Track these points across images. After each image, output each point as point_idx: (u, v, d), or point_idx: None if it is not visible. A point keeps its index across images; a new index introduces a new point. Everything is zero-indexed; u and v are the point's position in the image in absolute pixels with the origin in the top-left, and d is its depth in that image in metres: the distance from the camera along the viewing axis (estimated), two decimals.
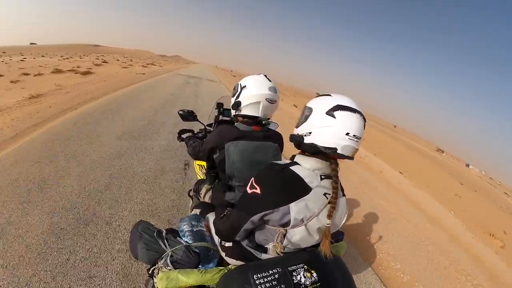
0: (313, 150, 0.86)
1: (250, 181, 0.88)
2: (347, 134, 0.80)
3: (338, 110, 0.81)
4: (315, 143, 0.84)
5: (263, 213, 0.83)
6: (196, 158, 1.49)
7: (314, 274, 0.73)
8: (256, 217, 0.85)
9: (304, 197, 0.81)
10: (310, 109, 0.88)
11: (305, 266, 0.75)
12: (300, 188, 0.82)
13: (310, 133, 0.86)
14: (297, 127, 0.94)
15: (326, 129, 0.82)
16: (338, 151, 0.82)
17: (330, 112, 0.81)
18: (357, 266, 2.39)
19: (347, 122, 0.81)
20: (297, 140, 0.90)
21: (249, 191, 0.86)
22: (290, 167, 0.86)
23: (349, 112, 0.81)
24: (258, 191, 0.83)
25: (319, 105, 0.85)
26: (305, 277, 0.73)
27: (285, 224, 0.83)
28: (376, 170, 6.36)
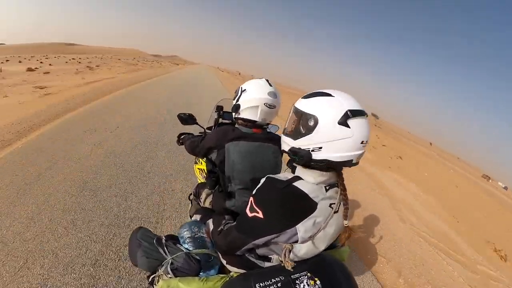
0: (323, 166, 0.77)
1: (250, 201, 0.80)
2: (362, 142, 0.73)
3: (351, 117, 0.71)
4: (329, 158, 0.74)
5: (268, 237, 0.79)
6: (193, 153, 1.45)
7: (318, 282, 0.72)
8: (259, 241, 0.81)
9: (311, 215, 0.76)
10: (315, 118, 0.73)
11: (308, 274, 0.73)
12: (306, 207, 0.76)
13: (320, 148, 0.74)
14: (295, 138, 0.79)
15: (341, 141, 0.72)
16: (353, 162, 0.75)
17: (342, 121, 0.71)
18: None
19: (362, 129, 0.72)
20: (303, 157, 0.77)
21: (249, 214, 0.79)
22: (293, 184, 0.78)
23: (361, 117, 0.72)
24: (260, 215, 0.76)
25: (327, 113, 0.73)
26: (308, 285, 0.71)
27: (292, 242, 0.80)
28: None
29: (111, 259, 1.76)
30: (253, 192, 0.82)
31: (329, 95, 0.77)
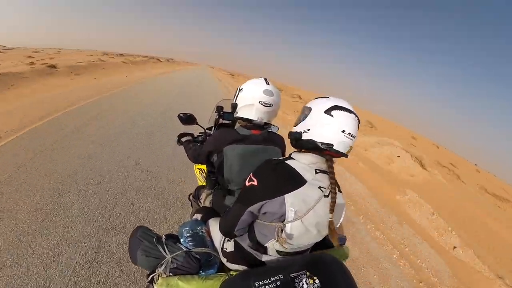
0: (310, 146, 0.91)
1: (249, 175, 0.93)
2: (343, 131, 0.87)
3: (335, 109, 0.88)
4: (313, 138, 0.90)
5: (260, 203, 0.86)
6: (196, 162, 1.48)
7: (317, 281, 0.72)
8: (253, 208, 0.88)
9: (298, 189, 0.84)
10: (309, 109, 0.94)
11: (307, 273, 0.74)
12: (294, 180, 0.86)
13: (308, 130, 0.92)
14: (295, 125, 0.99)
15: (324, 126, 0.88)
16: (334, 147, 0.87)
17: (328, 111, 0.88)
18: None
19: (344, 120, 0.87)
20: (296, 137, 0.95)
21: (247, 184, 0.91)
22: (286, 162, 0.91)
23: (345, 112, 0.88)
24: (255, 183, 0.88)
25: (318, 105, 0.92)
26: (307, 283, 0.72)
27: (282, 217, 0.85)
28: None
29: None
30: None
31: (327, 97, 0.95)
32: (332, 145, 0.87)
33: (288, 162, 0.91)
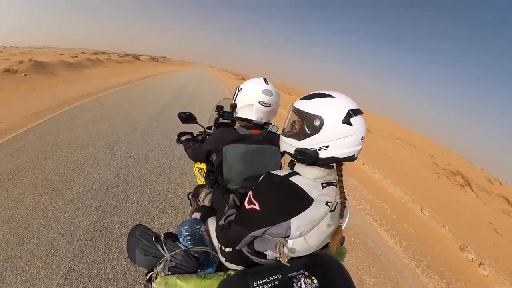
0: (327, 162, 0.81)
1: (248, 195, 0.84)
2: (362, 138, 0.79)
3: (352, 116, 0.76)
4: (335, 156, 0.78)
5: (264, 229, 0.81)
6: (196, 160, 1.48)
7: (315, 281, 0.72)
8: (256, 233, 0.83)
9: (305, 211, 0.78)
10: (320, 119, 0.77)
11: (305, 272, 0.74)
12: (301, 202, 0.78)
13: (327, 146, 0.78)
14: (300, 139, 0.82)
15: (345, 139, 0.77)
16: (355, 156, 0.80)
17: (346, 120, 0.76)
18: None
19: (362, 127, 0.78)
20: (311, 156, 0.80)
21: (247, 206, 0.82)
22: (290, 178, 0.81)
23: (360, 115, 0.78)
24: (257, 207, 0.79)
25: (331, 113, 0.77)
26: (305, 283, 0.71)
27: (286, 236, 0.81)
28: None
29: None
30: (253, 187, 0.85)
31: (330, 96, 0.81)
32: (353, 156, 0.79)
33: (292, 178, 0.81)
